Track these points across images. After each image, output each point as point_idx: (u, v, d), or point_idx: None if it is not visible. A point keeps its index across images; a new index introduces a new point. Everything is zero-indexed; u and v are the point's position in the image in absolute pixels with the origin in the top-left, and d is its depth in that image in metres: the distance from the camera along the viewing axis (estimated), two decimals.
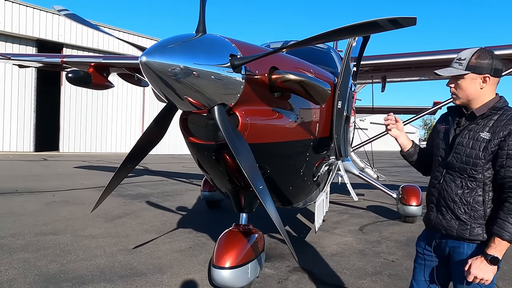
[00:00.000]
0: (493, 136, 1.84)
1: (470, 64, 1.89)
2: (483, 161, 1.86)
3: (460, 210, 1.93)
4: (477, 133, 1.90)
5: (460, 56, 1.94)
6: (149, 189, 9.54)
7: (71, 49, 21.93)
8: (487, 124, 1.89)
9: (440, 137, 2.11)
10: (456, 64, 1.94)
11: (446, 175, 2.01)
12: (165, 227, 5.64)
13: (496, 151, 1.83)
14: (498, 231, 1.78)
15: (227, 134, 2.14)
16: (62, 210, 6.43)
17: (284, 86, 2.48)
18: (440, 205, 2.02)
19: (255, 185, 2.19)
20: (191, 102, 2.11)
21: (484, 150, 1.85)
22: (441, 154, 2.06)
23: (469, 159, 1.90)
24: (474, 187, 1.91)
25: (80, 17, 2.99)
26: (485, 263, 1.78)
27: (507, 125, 1.83)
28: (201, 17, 2.16)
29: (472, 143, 1.90)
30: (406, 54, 5.20)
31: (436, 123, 2.24)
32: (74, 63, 7.06)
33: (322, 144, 3.45)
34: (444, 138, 2.07)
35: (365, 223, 6.38)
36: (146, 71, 1.86)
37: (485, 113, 1.91)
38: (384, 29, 1.79)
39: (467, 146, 1.91)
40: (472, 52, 1.92)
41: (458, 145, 1.95)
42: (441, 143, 2.08)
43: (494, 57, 1.91)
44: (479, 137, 1.88)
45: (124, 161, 2.67)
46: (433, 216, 2.05)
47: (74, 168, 14.19)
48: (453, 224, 1.95)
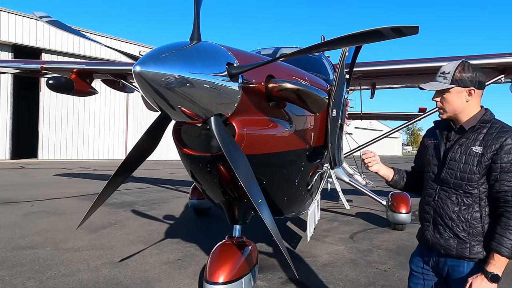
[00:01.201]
0: (485, 150, 1.83)
1: (455, 77, 1.88)
2: (477, 176, 1.84)
3: (459, 227, 1.89)
4: (468, 147, 1.88)
5: (443, 70, 1.93)
6: (134, 197, 9.29)
7: (51, 54, 21.32)
8: (477, 137, 1.88)
9: (430, 153, 2.07)
10: (440, 78, 1.93)
11: (441, 192, 1.97)
12: (152, 237, 5.46)
13: (489, 165, 1.82)
14: (497, 247, 1.76)
15: (225, 146, 2.04)
16: (42, 222, 6.15)
17: (281, 95, 2.41)
18: (437, 223, 1.97)
19: (254, 199, 2.10)
20: (186, 112, 2.01)
21: (478, 164, 1.83)
22: (433, 170, 2.03)
23: (464, 175, 1.87)
24: (471, 203, 1.88)
25: (63, 23, 2.84)
26: (485, 281, 1.74)
27: (498, 138, 1.82)
28: (195, 24, 2.07)
29: (465, 157, 1.88)
30: (396, 61, 5.23)
31: (424, 138, 2.22)
32: (55, 69, 6.82)
33: (316, 153, 3.39)
34: (434, 153, 2.04)
35: (355, 230, 6.35)
36: (140, 81, 1.75)
37: (475, 126, 1.90)
38: (387, 38, 1.74)
39: (460, 161, 1.89)
40: (455, 66, 1.92)
41: (450, 160, 1.93)
42: (432, 159, 2.05)
43: (477, 70, 1.92)
44: (472, 151, 1.86)
45: (115, 174, 2.53)
46: (430, 235, 2.01)
47: (54, 176, 13.73)
48: (452, 243, 1.91)
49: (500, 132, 1.83)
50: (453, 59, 5.24)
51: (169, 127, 2.46)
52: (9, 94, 20.56)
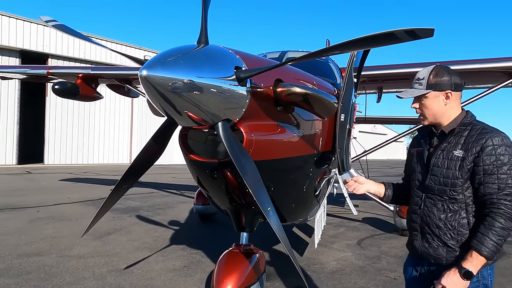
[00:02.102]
0: (466, 153, 1.80)
1: (430, 82, 1.87)
2: (461, 181, 1.81)
3: (447, 235, 1.85)
4: (450, 151, 1.85)
5: (418, 76, 1.91)
6: (139, 202, 9.25)
7: (57, 59, 21.50)
8: (458, 141, 1.85)
9: (414, 161, 2.06)
10: (416, 84, 1.91)
11: (426, 200, 1.94)
12: (157, 243, 5.40)
13: (472, 169, 1.79)
14: (477, 245, 1.71)
15: (233, 152, 1.99)
16: (47, 228, 6.12)
17: (289, 99, 2.36)
18: (425, 232, 1.94)
19: (263, 206, 2.04)
20: (193, 117, 1.97)
21: (460, 168, 1.80)
22: (418, 178, 2.00)
23: (447, 180, 1.84)
24: (457, 209, 1.84)
25: (69, 27, 2.82)
26: (457, 276, 1.70)
27: (478, 140, 1.78)
28: (203, 27, 2.03)
29: (447, 162, 1.85)
30: (404, 65, 5.16)
31: (410, 148, 2.20)
32: (61, 74, 6.83)
33: (324, 158, 3.33)
34: (418, 160, 2.02)
35: (363, 236, 6.25)
36: (146, 86, 1.70)
37: (455, 130, 1.88)
38: (401, 41, 1.69)
39: (443, 166, 1.86)
40: (429, 71, 1.90)
41: (433, 167, 1.90)
42: (416, 167, 2.02)
43: (451, 73, 1.89)
44: (453, 156, 1.83)
45: (121, 180, 2.48)
46: (418, 244, 1.97)
47: (59, 181, 13.75)
48: (441, 252, 1.87)
49: (480, 133, 1.80)
50: (460, 63, 5.23)
51: (175, 132, 2.42)
52: (16, 100, 20.72)
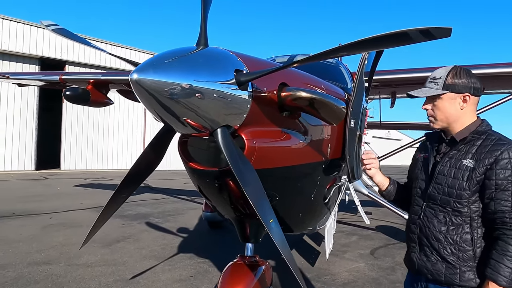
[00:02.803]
0: (477, 164, 1.64)
1: (447, 82, 1.73)
2: (468, 193, 1.65)
3: (446, 250, 1.69)
4: (459, 160, 1.70)
5: (434, 75, 1.77)
6: (150, 208, 9.24)
7: (74, 66, 21.95)
8: (469, 150, 1.70)
9: (418, 167, 1.92)
10: (431, 83, 1.77)
11: (427, 209, 1.79)
12: (165, 252, 5.33)
13: (482, 181, 1.63)
14: (492, 274, 1.54)
15: (232, 160, 1.87)
16: (58, 235, 6.12)
17: (295, 104, 2.23)
18: (423, 244, 1.79)
19: (265, 219, 1.92)
20: (191, 124, 1.86)
21: (468, 179, 1.65)
22: (421, 185, 1.86)
23: (452, 190, 1.69)
24: (460, 223, 1.68)
25: (69, 31, 2.78)
26: None
27: (492, 152, 1.62)
28: (202, 28, 1.93)
29: (454, 171, 1.70)
30: (418, 69, 4.96)
31: (415, 152, 2.06)
32: (73, 80, 6.89)
33: (333, 165, 3.18)
34: (423, 167, 1.88)
35: (376, 246, 6.04)
36: (138, 91, 1.61)
37: (467, 138, 1.72)
38: (414, 41, 1.55)
39: (449, 175, 1.71)
40: (447, 70, 1.76)
41: (438, 175, 1.75)
42: (420, 173, 1.89)
43: (471, 75, 1.75)
44: (462, 165, 1.68)
45: (118, 189, 2.39)
46: (416, 257, 1.82)
47: (74, 187, 13.90)
48: (440, 267, 1.71)
49: (495, 144, 1.64)
50: (479, 67, 4.98)
51: (175, 138, 2.32)
52: (35, 106, 21.19)
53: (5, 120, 20.31)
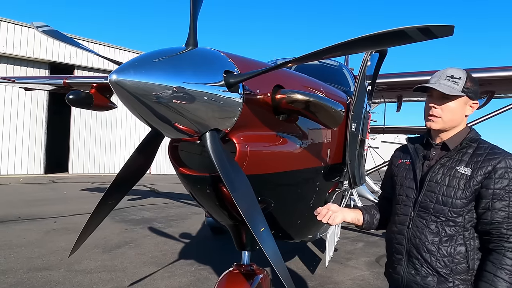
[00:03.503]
0: (474, 172, 1.56)
1: (466, 86, 1.63)
2: (464, 201, 1.57)
3: (440, 263, 1.59)
4: (453, 168, 1.61)
5: (452, 74, 1.65)
6: (153, 212, 9.18)
7: (82, 70, 22.21)
8: (462, 158, 1.62)
9: (402, 174, 1.80)
10: (449, 82, 1.64)
11: (417, 219, 1.68)
12: (166, 258, 5.24)
13: (478, 190, 1.55)
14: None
15: (221, 166, 1.78)
16: (61, 240, 6.08)
17: (291, 107, 2.13)
18: (412, 256, 1.68)
19: (255, 227, 1.81)
20: (179, 128, 1.78)
21: (465, 187, 1.56)
22: (407, 193, 1.74)
23: (447, 199, 1.59)
24: (454, 234, 1.59)
25: (60, 33, 2.73)
26: None
27: (489, 160, 1.55)
28: (191, 28, 1.85)
29: (448, 179, 1.61)
30: (425, 72, 4.78)
31: (392, 160, 1.94)
32: (77, 84, 6.89)
33: (334, 171, 3.07)
34: (408, 174, 1.77)
35: (382, 253, 5.85)
36: (119, 93, 1.53)
37: (461, 144, 1.64)
38: (413, 40, 1.44)
39: (443, 183, 1.61)
40: (465, 73, 1.66)
41: (430, 182, 1.65)
42: (404, 180, 1.77)
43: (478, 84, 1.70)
44: (457, 173, 1.59)
45: (105, 196, 2.31)
46: (403, 270, 1.71)
47: (80, 191, 13.95)
48: (431, 281, 1.61)
49: (491, 153, 1.57)
50: (489, 70, 4.81)
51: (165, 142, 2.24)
52: (45, 110, 21.45)
53: (16, 124, 20.59)
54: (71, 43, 2.65)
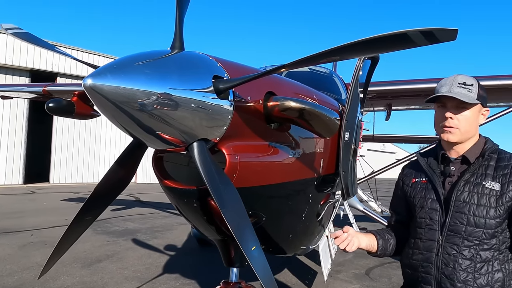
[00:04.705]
0: (505, 187, 1.44)
1: (479, 93, 1.53)
2: (498, 221, 1.44)
3: None
4: (479, 184, 1.48)
5: (464, 81, 1.54)
6: (138, 223, 8.89)
7: (65, 78, 21.69)
8: (486, 171, 1.50)
9: (420, 194, 1.65)
10: (463, 89, 1.52)
11: (447, 245, 1.52)
12: (149, 272, 5.01)
13: (511, 206, 1.43)
14: None
15: (209, 179, 1.64)
16: (36, 254, 5.75)
17: (283, 115, 2.01)
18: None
19: (245, 246, 1.67)
20: (163, 138, 1.63)
21: (497, 205, 1.43)
22: (431, 215, 1.58)
23: (480, 219, 1.45)
24: (489, 258, 1.45)
25: (33, 36, 2.55)
26: None
27: None
28: (177, 30, 1.72)
29: (477, 197, 1.47)
30: (416, 80, 4.78)
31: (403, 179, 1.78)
32: (58, 91, 6.64)
33: (326, 182, 2.96)
34: (428, 194, 1.61)
35: (372, 265, 5.76)
36: (96, 99, 1.37)
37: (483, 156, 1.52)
38: (415, 45, 1.33)
39: (472, 201, 1.47)
40: (475, 79, 1.56)
41: (457, 201, 1.50)
42: (425, 202, 1.61)
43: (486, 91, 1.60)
44: (485, 189, 1.47)
45: (81, 211, 2.12)
46: None
47: (61, 201, 13.46)
48: None
49: None
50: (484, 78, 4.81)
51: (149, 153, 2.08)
52: (25, 119, 20.82)
53: None
54: (44, 46, 2.47)
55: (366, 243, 1.77)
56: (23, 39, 2.56)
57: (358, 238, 1.74)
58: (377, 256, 1.84)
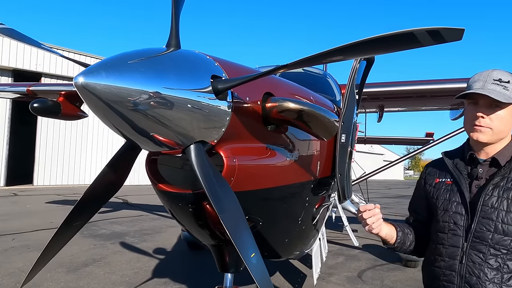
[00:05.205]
0: None
1: None
2: None
3: None
4: (510, 189, 1.40)
5: (500, 77, 1.45)
6: (126, 226, 8.71)
7: (50, 78, 21.20)
8: None
9: (444, 196, 1.56)
10: (498, 86, 1.42)
11: (472, 252, 1.43)
12: (138, 276, 4.88)
13: None
14: None
15: (207, 182, 1.57)
16: (18, 260, 5.53)
17: (282, 117, 1.95)
18: None
19: (244, 253, 1.60)
20: (159, 140, 1.55)
21: None
22: (455, 220, 1.50)
23: (509, 227, 1.38)
24: None
25: (17, 32, 2.43)
26: None
27: None
28: (173, 27, 1.64)
29: (507, 203, 1.40)
30: (408, 82, 4.81)
31: (426, 178, 1.69)
32: (43, 92, 6.45)
33: (323, 184, 2.91)
34: (453, 196, 1.53)
35: (364, 267, 5.75)
36: (88, 99, 1.29)
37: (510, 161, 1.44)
38: (420, 45, 1.28)
39: (501, 207, 1.39)
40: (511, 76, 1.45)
41: (484, 207, 1.42)
42: (450, 205, 1.53)
43: None
44: None
45: (70, 216, 2.01)
46: None
47: (46, 204, 13.12)
48: None
49: None
50: (464, 81, 4.87)
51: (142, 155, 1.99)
52: (7, 119, 20.26)
53: None
54: (30, 42, 2.35)
55: (386, 232, 1.66)
56: (6, 35, 2.44)
57: (381, 224, 1.63)
58: (393, 248, 1.73)
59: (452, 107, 5.70)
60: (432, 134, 7.95)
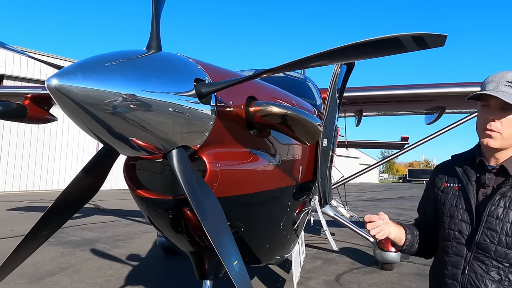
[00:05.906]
0: None
1: None
2: None
3: None
4: None
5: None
6: (97, 232, 8.37)
7: (14, 80, 20.15)
8: None
9: (451, 202, 1.52)
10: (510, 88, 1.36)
11: (474, 263, 1.41)
12: (110, 284, 4.68)
13: None
14: None
15: (190, 189, 1.50)
16: None
17: (265, 121, 1.92)
18: None
19: (227, 260, 1.54)
20: (139, 145, 1.47)
21: None
22: (460, 228, 1.47)
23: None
24: None
25: None
26: None
27: None
28: (154, 29, 1.57)
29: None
30: (386, 87, 4.91)
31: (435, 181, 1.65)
32: (6, 94, 6.12)
33: (304, 189, 2.90)
34: (460, 203, 1.49)
35: (341, 271, 5.79)
36: (62, 102, 1.19)
37: None
38: (404, 50, 1.29)
39: (506, 219, 1.36)
40: None
41: (489, 217, 1.39)
42: (456, 212, 1.49)
43: None
44: None
45: (38, 225, 1.87)
46: None
47: (6, 211, 12.35)
48: None
49: None
50: (440, 86, 5.01)
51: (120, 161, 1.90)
52: None
53: None
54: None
55: (395, 234, 1.62)
56: None
57: (390, 227, 1.58)
58: (401, 250, 1.69)
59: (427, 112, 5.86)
60: (407, 138, 8.18)
